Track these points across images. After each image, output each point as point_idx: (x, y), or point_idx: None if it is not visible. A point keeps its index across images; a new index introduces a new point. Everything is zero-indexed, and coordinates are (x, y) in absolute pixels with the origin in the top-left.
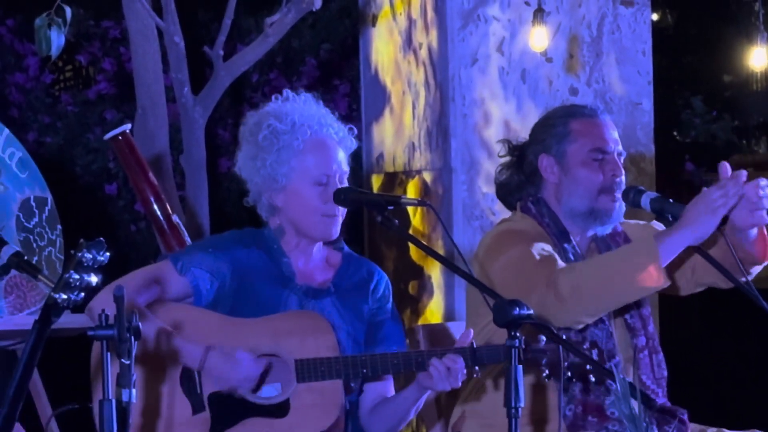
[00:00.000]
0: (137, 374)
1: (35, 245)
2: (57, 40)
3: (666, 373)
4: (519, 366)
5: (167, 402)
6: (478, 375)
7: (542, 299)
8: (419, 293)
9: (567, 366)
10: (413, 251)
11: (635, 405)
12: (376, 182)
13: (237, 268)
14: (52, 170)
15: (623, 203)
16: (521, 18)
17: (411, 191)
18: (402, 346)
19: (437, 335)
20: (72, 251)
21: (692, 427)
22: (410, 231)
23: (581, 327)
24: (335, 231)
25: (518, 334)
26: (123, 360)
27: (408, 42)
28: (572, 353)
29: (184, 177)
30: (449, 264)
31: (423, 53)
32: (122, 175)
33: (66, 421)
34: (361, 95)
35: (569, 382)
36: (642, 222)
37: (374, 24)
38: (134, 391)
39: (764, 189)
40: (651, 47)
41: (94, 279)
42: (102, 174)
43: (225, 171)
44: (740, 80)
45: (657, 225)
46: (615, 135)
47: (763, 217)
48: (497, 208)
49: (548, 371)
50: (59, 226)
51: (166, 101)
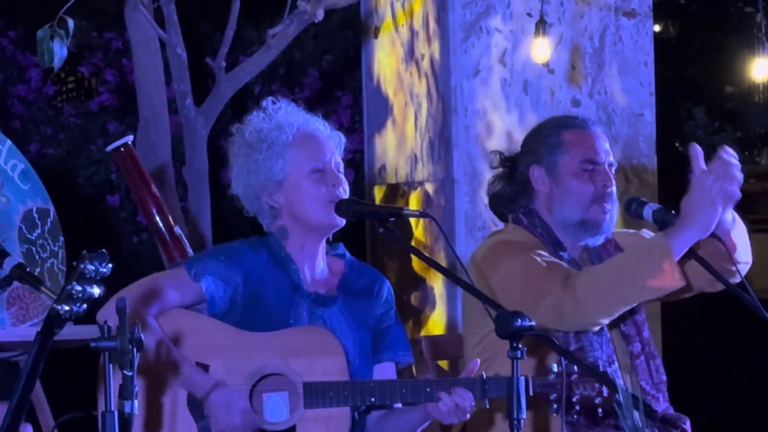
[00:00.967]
0: (143, 387)
1: (38, 257)
2: (59, 52)
3: (665, 378)
4: (521, 377)
5: (175, 423)
6: (487, 406)
7: (558, 302)
8: (422, 304)
9: (576, 400)
10: (415, 263)
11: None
12: (379, 194)
13: (248, 276)
14: (55, 182)
15: (614, 215)
16: (523, 29)
17: (413, 203)
18: (407, 352)
19: (440, 346)
20: (74, 263)
21: None
22: (412, 242)
23: (598, 329)
24: (340, 219)
25: (520, 345)
26: (125, 371)
27: (410, 53)
28: (576, 365)
29: (187, 188)
30: (451, 275)
31: (425, 64)
32: (124, 187)
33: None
34: (364, 106)
35: (577, 416)
36: (631, 231)
37: (376, 35)
38: (136, 403)
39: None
40: (653, 58)
41: (97, 290)
42: (104, 185)
43: (227, 183)
44: (742, 91)
45: (646, 233)
46: (606, 146)
47: (734, 193)
48: (499, 220)
49: (556, 405)
50: (62, 238)
51: (169, 112)
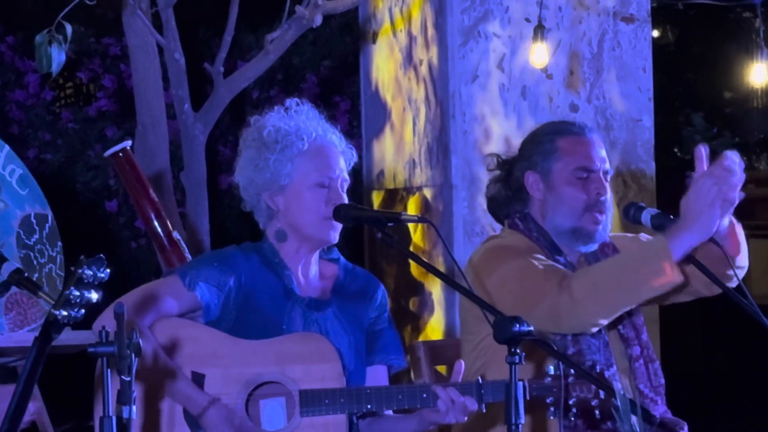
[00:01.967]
0: (144, 390)
1: (36, 262)
2: (57, 57)
3: (663, 381)
4: (519, 383)
5: (170, 428)
6: (483, 410)
7: (556, 304)
8: (420, 310)
9: (573, 403)
10: (414, 268)
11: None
12: (377, 199)
13: (241, 282)
14: (53, 187)
15: (608, 223)
16: (522, 35)
17: (411, 208)
18: (401, 356)
19: (438, 352)
20: (72, 268)
21: None
22: (411, 248)
23: (596, 330)
24: (335, 236)
25: (518, 350)
26: (123, 377)
27: (408, 59)
28: (573, 369)
29: (185, 194)
30: (450, 281)
31: (423, 70)
32: (123, 192)
33: None
34: (362, 112)
35: (575, 419)
36: (630, 235)
37: (375, 41)
38: (134, 408)
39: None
40: (651, 64)
41: (95, 296)
42: (102, 191)
43: (225, 188)
44: (741, 97)
45: (644, 237)
46: (602, 153)
47: (732, 198)
48: (498, 225)
49: (553, 409)
50: (60, 243)
51: (167, 118)
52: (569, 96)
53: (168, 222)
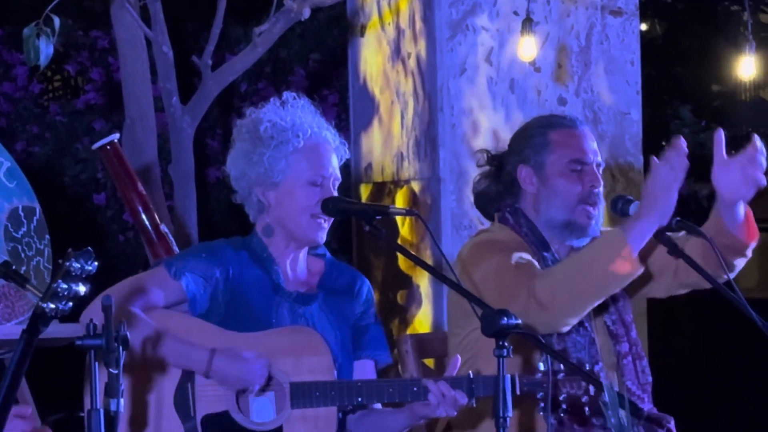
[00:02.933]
0: (134, 381)
1: (23, 255)
2: (45, 50)
3: (651, 379)
4: (507, 376)
5: (159, 422)
6: (473, 405)
7: (524, 308)
8: (408, 303)
9: (563, 399)
10: (402, 261)
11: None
12: (365, 192)
13: (229, 275)
14: (41, 180)
15: (600, 216)
16: (510, 28)
17: (399, 201)
18: (386, 352)
19: (425, 345)
20: (60, 261)
21: None
22: (399, 241)
23: (567, 330)
24: (322, 236)
25: (506, 344)
26: (111, 370)
27: (396, 52)
28: (563, 364)
29: (173, 187)
30: (438, 274)
31: (411, 63)
32: (111, 185)
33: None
34: (350, 105)
35: (564, 415)
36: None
37: (363, 34)
38: (122, 401)
39: (757, 146)
40: (640, 57)
41: (83, 288)
42: (90, 184)
43: (214, 181)
44: (729, 90)
45: None
46: (594, 146)
47: (758, 179)
48: (485, 218)
49: (543, 404)
50: (47, 236)
51: (155, 111)
52: (557, 89)
53: (156, 215)
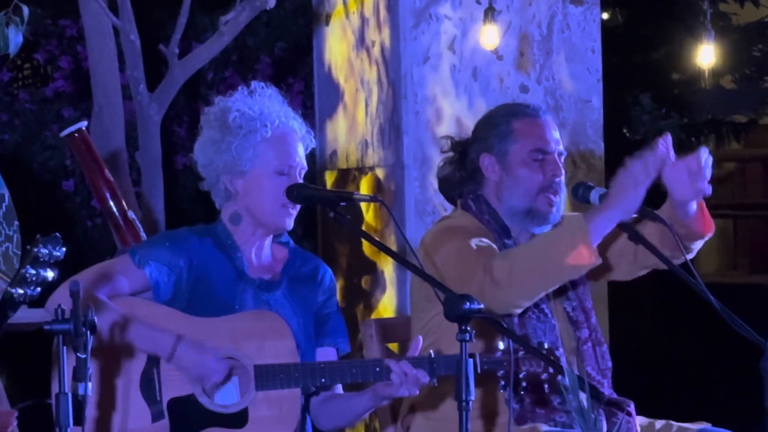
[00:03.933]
0: (101, 366)
1: None
2: (15, 39)
3: (610, 364)
4: (470, 360)
5: (126, 406)
6: (435, 384)
7: (481, 286)
8: (372, 288)
9: (523, 377)
10: (366, 247)
11: (584, 398)
12: (330, 179)
13: (193, 263)
14: (10, 167)
15: (561, 205)
16: (472, 17)
17: (364, 188)
18: (346, 341)
19: (389, 329)
20: (28, 246)
21: (640, 420)
22: (363, 227)
23: (519, 312)
24: (289, 223)
25: (468, 328)
26: (79, 354)
27: (361, 40)
28: (522, 347)
29: (140, 174)
30: (401, 259)
31: (376, 51)
32: (79, 172)
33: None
34: (315, 92)
35: (524, 393)
36: (576, 214)
37: (328, 23)
38: (90, 385)
39: (706, 159)
40: (600, 46)
41: (51, 274)
42: (59, 171)
43: (181, 168)
44: (688, 78)
45: None
46: (556, 135)
47: (703, 189)
48: (449, 205)
49: (504, 382)
50: (16, 222)
51: (123, 99)
52: (519, 77)
53: (123, 201)
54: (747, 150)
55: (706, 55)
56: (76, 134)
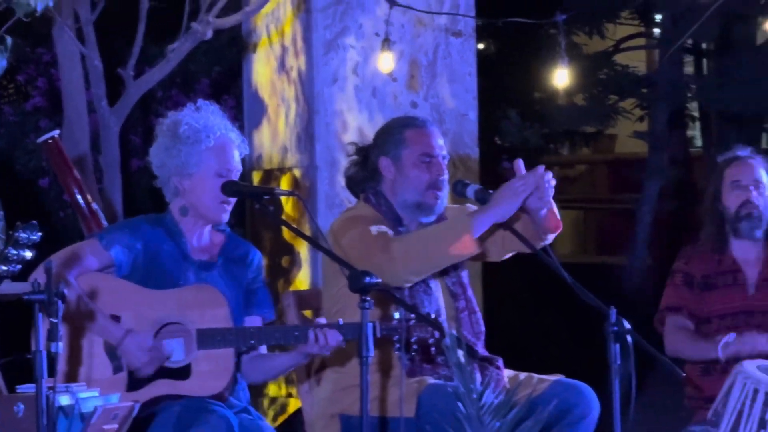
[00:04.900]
0: (69, 330)
1: None
2: (0, 63)
3: (483, 329)
4: (369, 324)
5: (92, 361)
6: (344, 345)
7: (379, 263)
8: (290, 266)
9: (414, 341)
10: (285, 233)
11: (461, 356)
12: (256, 177)
13: (147, 245)
14: None
15: (445, 199)
16: (372, 46)
17: (284, 184)
18: (271, 309)
19: (304, 299)
20: (10, 232)
21: (507, 372)
22: (283, 216)
23: (409, 285)
24: (226, 217)
25: (368, 298)
26: (52, 319)
27: (282, 65)
28: (413, 314)
29: (102, 173)
30: (314, 243)
31: (294, 74)
32: (53, 172)
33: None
34: (244, 108)
35: (415, 354)
36: (457, 206)
37: (255, 51)
38: (61, 344)
39: (549, 180)
40: (476, 70)
41: (29, 254)
42: (37, 171)
43: (135, 169)
44: (547, 96)
45: (470, 207)
46: (440, 142)
47: (549, 202)
48: (353, 199)
49: (399, 345)
50: (2, 212)
51: (88, 112)
52: (410, 95)
53: (88, 196)
54: (595, 155)
55: (561, 78)
56: (50, 141)
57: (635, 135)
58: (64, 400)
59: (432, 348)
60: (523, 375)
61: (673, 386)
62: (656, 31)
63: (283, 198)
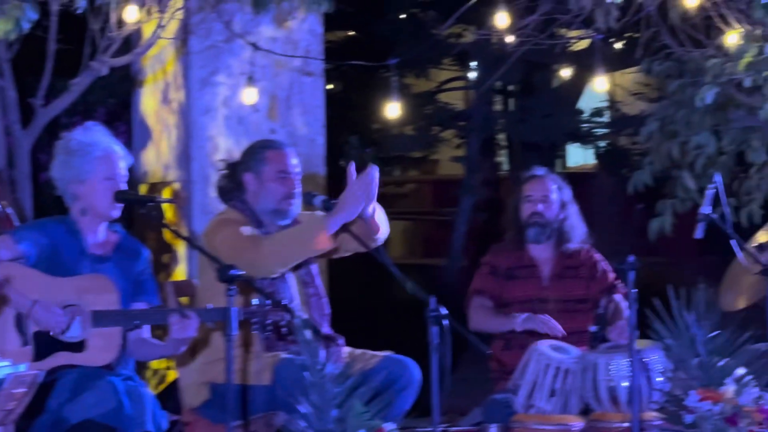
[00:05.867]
0: None
1: None
2: None
3: (328, 311)
4: (234, 309)
5: (4, 336)
6: (212, 326)
7: (251, 258)
8: (170, 262)
9: (269, 323)
10: (167, 234)
11: (309, 334)
12: (143, 189)
13: (51, 240)
14: None
15: (298, 206)
16: (239, 83)
17: (166, 195)
18: (155, 296)
19: (181, 289)
20: None
21: (346, 349)
22: (164, 221)
23: (274, 277)
24: (116, 214)
25: (233, 287)
26: None
27: (165, 98)
28: (270, 300)
29: (14, 184)
30: (190, 242)
31: (175, 105)
32: None
33: None
34: (134, 132)
35: (270, 333)
36: (308, 212)
37: (142, 85)
38: None
39: (373, 177)
40: (324, 103)
41: None
42: None
43: (43, 181)
44: (383, 126)
45: (319, 213)
46: (294, 161)
47: (372, 197)
48: (221, 207)
49: (257, 326)
50: None
51: (4, 134)
52: (270, 124)
53: (4, 202)
54: (421, 175)
55: (394, 111)
56: None
57: (454, 159)
58: None
59: (284, 328)
60: (359, 351)
61: (481, 362)
62: (471, 75)
63: (165, 205)
